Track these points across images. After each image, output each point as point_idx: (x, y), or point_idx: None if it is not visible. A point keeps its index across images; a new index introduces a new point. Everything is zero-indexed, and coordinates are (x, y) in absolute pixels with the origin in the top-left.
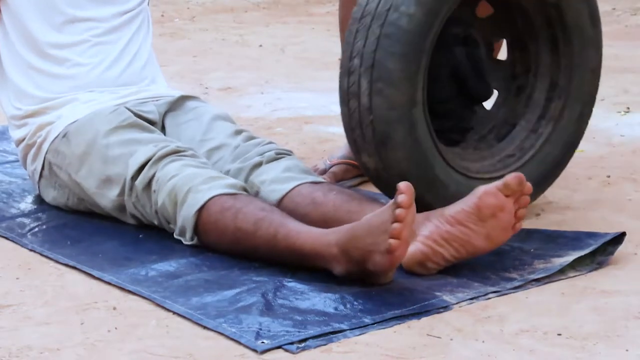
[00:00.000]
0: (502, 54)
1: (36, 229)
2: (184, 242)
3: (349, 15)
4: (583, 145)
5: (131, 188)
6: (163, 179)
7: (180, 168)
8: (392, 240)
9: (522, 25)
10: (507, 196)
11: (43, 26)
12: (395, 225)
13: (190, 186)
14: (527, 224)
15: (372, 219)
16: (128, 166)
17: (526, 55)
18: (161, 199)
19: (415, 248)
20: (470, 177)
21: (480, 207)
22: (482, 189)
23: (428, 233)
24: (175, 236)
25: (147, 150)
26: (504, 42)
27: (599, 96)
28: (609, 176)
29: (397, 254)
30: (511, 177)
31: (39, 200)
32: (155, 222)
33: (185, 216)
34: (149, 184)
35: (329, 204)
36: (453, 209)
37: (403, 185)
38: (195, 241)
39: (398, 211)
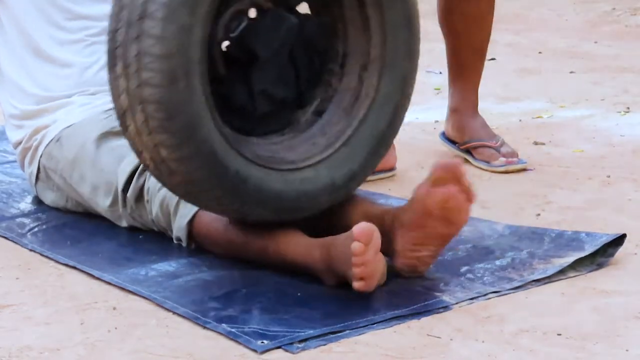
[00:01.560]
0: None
1: (36, 229)
2: (182, 245)
3: None
4: (583, 145)
5: (124, 200)
6: (153, 189)
7: None
8: (355, 284)
9: None
10: (444, 185)
11: (40, 24)
12: (355, 270)
13: None
14: (527, 224)
15: (338, 247)
16: (117, 175)
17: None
18: (154, 210)
19: (401, 263)
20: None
21: (426, 208)
22: (419, 192)
23: (400, 247)
24: (174, 241)
25: (134, 157)
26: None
27: (598, 96)
28: (609, 176)
29: (365, 290)
30: (438, 169)
31: (39, 200)
32: (155, 229)
33: (179, 226)
34: (140, 194)
35: None
36: (406, 217)
37: (357, 230)
38: (192, 247)
39: (354, 259)
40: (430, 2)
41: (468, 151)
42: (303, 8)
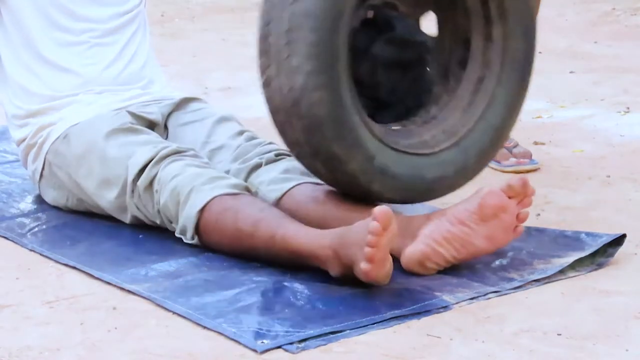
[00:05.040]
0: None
1: (36, 229)
2: (184, 240)
3: None
4: (583, 145)
5: (133, 190)
6: (165, 179)
7: (183, 168)
8: (363, 265)
9: None
10: (510, 197)
11: (43, 26)
12: (367, 250)
13: (193, 186)
14: (527, 224)
15: (353, 231)
16: (128, 168)
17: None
18: (163, 198)
19: (415, 247)
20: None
21: (482, 206)
22: (486, 189)
23: (428, 232)
24: (176, 234)
25: (147, 151)
26: None
27: (598, 96)
28: (609, 176)
29: (370, 275)
30: (515, 180)
31: (39, 200)
32: (158, 222)
33: (187, 215)
34: (150, 183)
35: (330, 202)
36: (455, 209)
37: (378, 211)
38: (195, 240)
39: (369, 238)
40: None
41: None
42: None
